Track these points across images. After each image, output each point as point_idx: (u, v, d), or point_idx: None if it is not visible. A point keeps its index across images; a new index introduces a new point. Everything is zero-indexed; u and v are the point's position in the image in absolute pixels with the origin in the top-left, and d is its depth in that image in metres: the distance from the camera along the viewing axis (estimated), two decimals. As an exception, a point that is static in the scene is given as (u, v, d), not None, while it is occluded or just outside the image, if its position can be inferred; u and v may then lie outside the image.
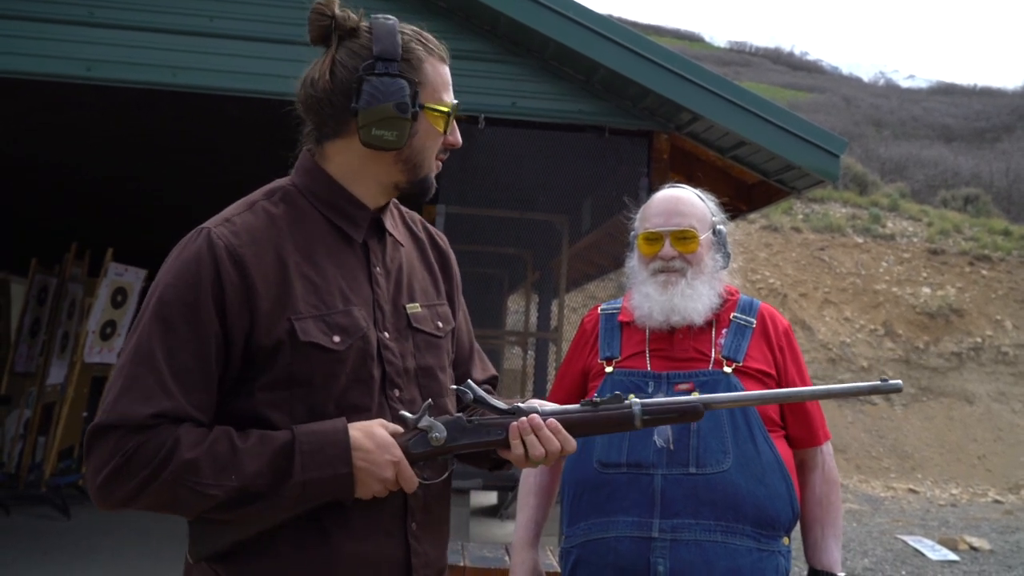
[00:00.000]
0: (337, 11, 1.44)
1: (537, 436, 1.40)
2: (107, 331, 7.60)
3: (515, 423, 1.41)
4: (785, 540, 1.92)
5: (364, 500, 1.39)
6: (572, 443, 1.42)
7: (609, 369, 1.99)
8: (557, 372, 2.16)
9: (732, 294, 2.06)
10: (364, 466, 1.34)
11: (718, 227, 2.05)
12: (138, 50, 4.49)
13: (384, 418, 1.42)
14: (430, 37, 1.50)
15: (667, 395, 1.88)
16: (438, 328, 1.55)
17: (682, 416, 1.52)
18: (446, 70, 1.49)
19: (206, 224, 1.41)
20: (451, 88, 1.50)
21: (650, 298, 1.97)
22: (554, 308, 8.56)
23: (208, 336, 1.34)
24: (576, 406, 1.46)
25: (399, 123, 1.41)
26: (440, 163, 1.51)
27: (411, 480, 1.38)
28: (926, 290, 18.01)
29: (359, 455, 1.34)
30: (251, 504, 1.32)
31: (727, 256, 2.04)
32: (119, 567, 5.83)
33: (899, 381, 1.54)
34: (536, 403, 1.46)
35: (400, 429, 1.40)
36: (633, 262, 2.07)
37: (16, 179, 8.05)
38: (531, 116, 4.84)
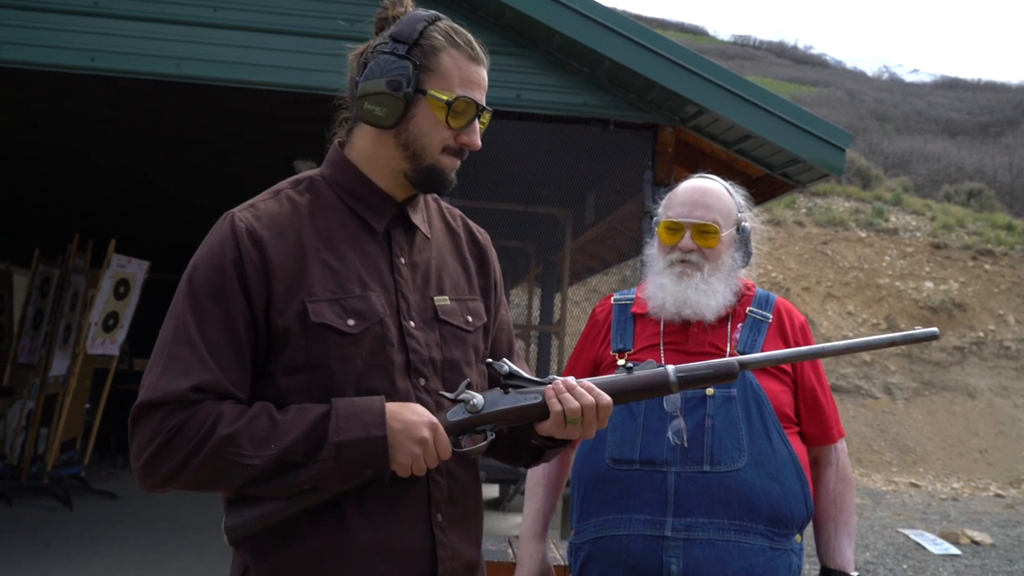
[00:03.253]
0: (398, 8, 1.50)
1: (571, 394, 1.42)
2: (109, 323, 7.60)
3: (550, 385, 1.44)
4: (798, 538, 1.90)
5: (384, 490, 1.40)
6: (606, 398, 1.44)
7: (621, 362, 1.94)
8: (568, 362, 2.11)
9: (749, 288, 2.02)
10: (399, 427, 1.36)
11: (743, 224, 2.00)
12: (142, 40, 4.48)
13: None
14: (469, 37, 1.51)
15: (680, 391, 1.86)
16: (467, 322, 1.55)
17: (717, 377, 1.50)
18: (474, 69, 1.49)
19: (232, 210, 1.46)
20: (476, 88, 1.49)
21: (664, 288, 1.93)
22: (557, 301, 8.55)
23: (237, 316, 1.39)
24: (611, 375, 1.50)
25: (388, 100, 1.43)
26: (454, 160, 1.50)
27: (446, 447, 1.39)
28: (929, 284, 17.99)
29: (393, 418, 1.37)
30: (289, 473, 1.34)
31: (748, 255, 2.00)
32: (121, 558, 5.83)
33: (935, 329, 1.55)
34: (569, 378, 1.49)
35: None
36: (652, 249, 2.03)
37: (19, 170, 8.05)
38: (536, 109, 4.82)
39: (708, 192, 1.98)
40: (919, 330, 1.53)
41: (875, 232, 19.52)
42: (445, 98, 1.45)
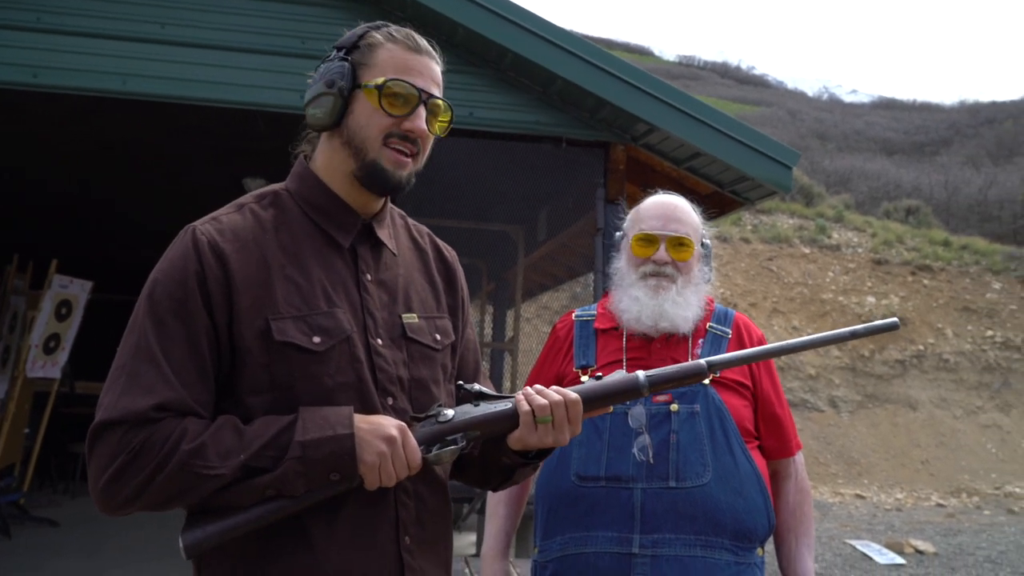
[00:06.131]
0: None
1: (539, 395, 1.42)
2: (51, 345, 7.40)
3: (519, 393, 1.43)
4: (760, 551, 1.91)
5: (352, 513, 1.37)
6: (573, 395, 1.42)
7: (584, 378, 1.95)
8: (527, 379, 2.11)
9: (708, 304, 2.05)
10: (366, 427, 1.33)
11: (705, 240, 2.04)
12: (86, 57, 4.39)
13: None
14: (410, 32, 1.49)
15: (645, 406, 1.87)
16: (435, 340, 1.52)
17: (687, 378, 1.50)
18: (414, 58, 1.46)
19: (193, 223, 1.42)
20: (417, 76, 1.45)
21: (639, 302, 1.93)
22: (509, 318, 8.55)
23: (199, 332, 1.34)
24: (582, 384, 1.49)
25: (326, 100, 1.43)
26: (399, 156, 1.45)
27: (415, 451, 1.35)
28: (871, 299, 18.39)
29: (360, 421, 1.34)
30: (253, 478, 1.30)
31: (711, 270, 2.04)
32: (64, 588, 5.66)
33: (895, 319, 1.56)
34: None
35: None
36: (620, 263, 2.03)
37: (-45, 188, 7.82)
38: (488, 126, 4.83)
39: (679, 207, 2.02)
40: (879, 321, 1.54)
41: (818, 248, 19.91)
42: (375, 82, 1.43)
